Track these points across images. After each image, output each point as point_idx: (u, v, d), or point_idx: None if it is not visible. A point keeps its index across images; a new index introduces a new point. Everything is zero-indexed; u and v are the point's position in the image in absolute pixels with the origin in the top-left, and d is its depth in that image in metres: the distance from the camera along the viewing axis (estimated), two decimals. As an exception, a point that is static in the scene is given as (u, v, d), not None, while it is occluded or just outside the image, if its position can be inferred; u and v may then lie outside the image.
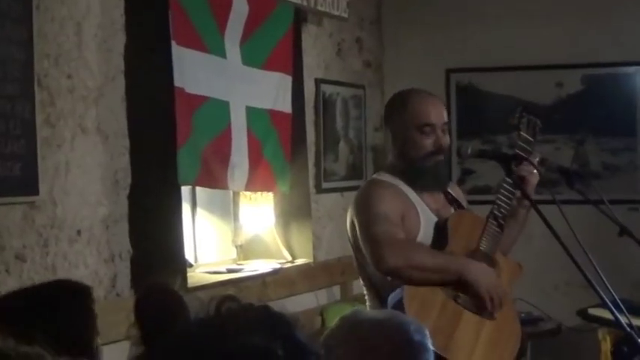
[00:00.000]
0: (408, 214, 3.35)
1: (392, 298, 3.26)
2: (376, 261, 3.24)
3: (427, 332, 1.91)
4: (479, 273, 3.31)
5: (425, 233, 3.37)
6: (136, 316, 3.58)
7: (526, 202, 3.49)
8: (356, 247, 3.42)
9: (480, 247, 3.40)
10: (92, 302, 2.84)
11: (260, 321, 1.19)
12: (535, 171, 3.43)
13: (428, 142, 3.38)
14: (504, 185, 3.42)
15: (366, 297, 3.51)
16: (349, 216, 3.45)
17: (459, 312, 3.30)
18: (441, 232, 3.39)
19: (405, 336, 1.86)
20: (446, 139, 3.42)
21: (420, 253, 3.29)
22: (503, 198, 3.42)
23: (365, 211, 3.34)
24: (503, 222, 3.40)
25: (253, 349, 1.15)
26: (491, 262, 3.41)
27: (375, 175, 3.52)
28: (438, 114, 3.42)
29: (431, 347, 1.87)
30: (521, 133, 3.49)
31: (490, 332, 3.35)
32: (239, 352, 1.14)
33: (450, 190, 3.59)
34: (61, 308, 2.73)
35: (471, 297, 3.31)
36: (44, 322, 2.67)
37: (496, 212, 3.40)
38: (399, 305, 3.18)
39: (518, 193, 3.45)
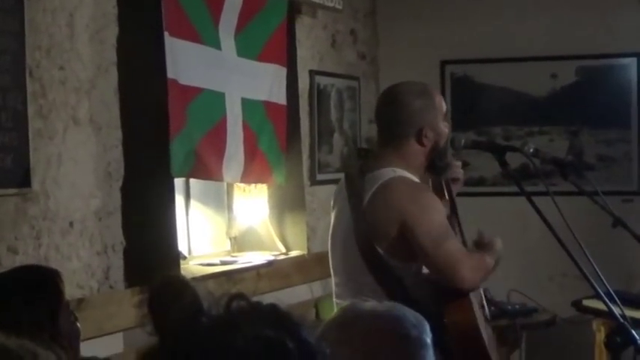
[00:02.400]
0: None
1: (451, 321, 3.23)
2: (459, 281, 3.24)
3: (427, 327, 1.90)
4: (498, 256, 3.43)
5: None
6: (149, 308, 3.58)
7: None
8: (397, 251, 3.31)
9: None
10: (54, 283, 2.84)
11: (269, 317, 1.21)
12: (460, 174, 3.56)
13: (447, 130, 3.47)
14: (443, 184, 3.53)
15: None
16: (393, 217, 3.29)
17: (485, 320, 3.39)
18: (457, 226, 3.45)
19: (403, 330, 1.85)
20: None
21: (485, 261, 3.36)
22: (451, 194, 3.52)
23: (428, 222, 3.27)
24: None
25: (266, 341, 1.17)
26: None
27: (399, 173, 3.35)
28: None
29: (430, 342, 1.86)
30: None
31: (492, 334, 3.46)
32: (251, 343, 1.15)
33: None
34: (20, 293, 2.75)
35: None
36: (3, 308, 2.70)
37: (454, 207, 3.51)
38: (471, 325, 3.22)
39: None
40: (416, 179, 3.37)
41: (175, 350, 1.18)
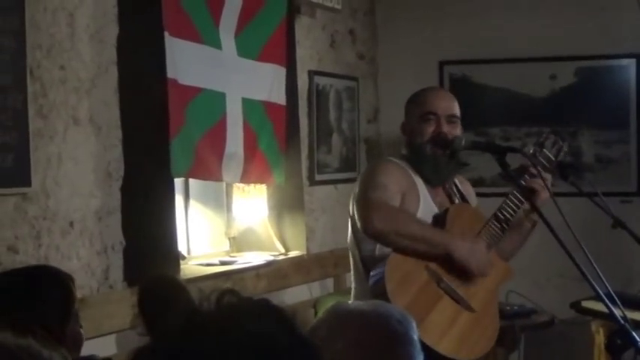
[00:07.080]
0: (409, 194, 3.42)
1: (375, 271, 3.32)
2: (364, 223, 3.30)
3: (413, 323, 1.90)
4: (466, 252, 3.34)
5: (422, 217, 3.40)
6: (140, 307, 3.57)
7: (533, 217, 3.48)
8: (354, 222, 3.45)
9: None
10: (70, 289, 2.83)
11: (261, 312, 1.20)
12: (546, 189, 3.41)
13: (429, 130, 3.47)
14: (514, 192, 3.44)
15: (355, 287, 3.52)
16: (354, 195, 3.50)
17: (438, 295, 3.34)
18: (438, 222, 3.42)
19: (388, 328, 1.85)
20: (453, 130, 3.49)
21: (408, 221, 3.34)
22: (510, 203, 3.44)
23: (366, 181, 3.43)
24: (506, 225, 3.42)
25: (259, 336, 1.15)
26: None
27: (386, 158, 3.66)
28: (441, 105, 3.52)
29: (416, 338, 1.86)
30: (544, 150, 3.51)
31: (466, 323, 3.39)
32: (244, 339, 1.15)
33: (457, 184, 3.63)
34: (36, 292, 2.74)
35: (458, 273, 3.36)
36: (18, 303, 2.68)
37: (499, 214, 3.42)
38: (380, 277, 3.23)
39: (526, 204, 3.45)
40: (409, 168, 3.49)
41: (167, 349, 1.17)
